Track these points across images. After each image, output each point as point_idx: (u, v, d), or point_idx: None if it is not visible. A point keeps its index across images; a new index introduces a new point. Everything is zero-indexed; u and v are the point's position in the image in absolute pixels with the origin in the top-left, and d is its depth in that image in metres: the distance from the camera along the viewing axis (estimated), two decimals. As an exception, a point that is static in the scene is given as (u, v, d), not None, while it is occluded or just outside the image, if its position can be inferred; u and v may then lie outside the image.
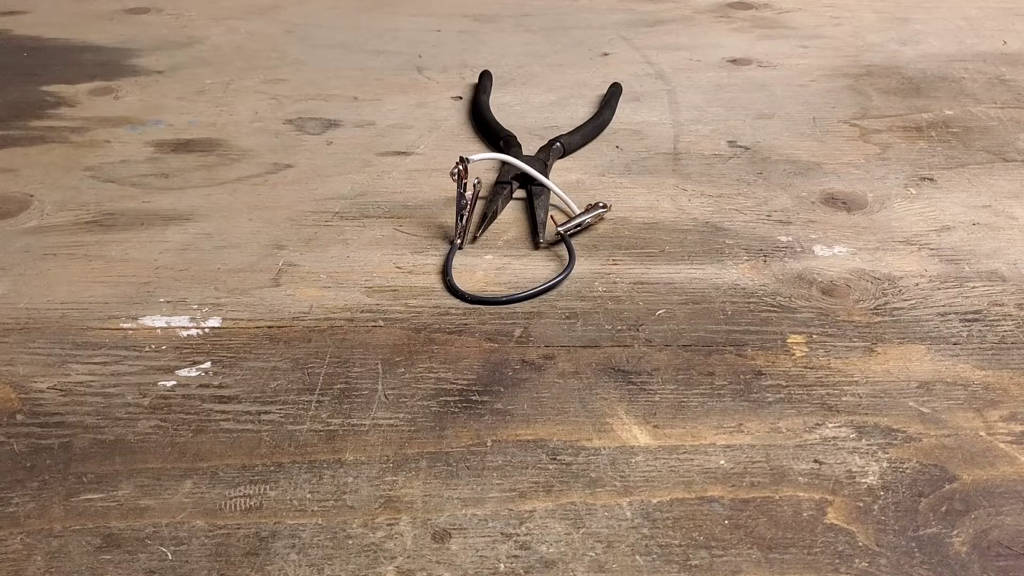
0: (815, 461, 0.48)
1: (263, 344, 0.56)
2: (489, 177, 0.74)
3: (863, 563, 0.42)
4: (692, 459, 0.48)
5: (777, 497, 0.46)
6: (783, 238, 0.67)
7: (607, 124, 0.86)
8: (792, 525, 0.44)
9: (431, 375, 0.54)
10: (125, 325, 0.58)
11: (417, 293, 0.61)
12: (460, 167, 0.65)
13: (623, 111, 0.88)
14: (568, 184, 0.74)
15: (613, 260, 0.65)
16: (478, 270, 0.64)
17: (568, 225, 0.66)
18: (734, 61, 1.02)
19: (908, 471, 0.47)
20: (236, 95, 0.93)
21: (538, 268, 0.64)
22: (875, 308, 0.59)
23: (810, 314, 0.59)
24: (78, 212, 0.71)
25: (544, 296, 0.61)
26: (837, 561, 0.42)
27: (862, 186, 0.75)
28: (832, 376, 0.53)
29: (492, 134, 0.83)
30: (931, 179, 0.76)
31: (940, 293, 0.61)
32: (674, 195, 0.73)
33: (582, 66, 1.01)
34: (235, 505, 0.45)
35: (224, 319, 0.58)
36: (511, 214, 0.71)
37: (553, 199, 0.71)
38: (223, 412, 0.51)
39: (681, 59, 1.03)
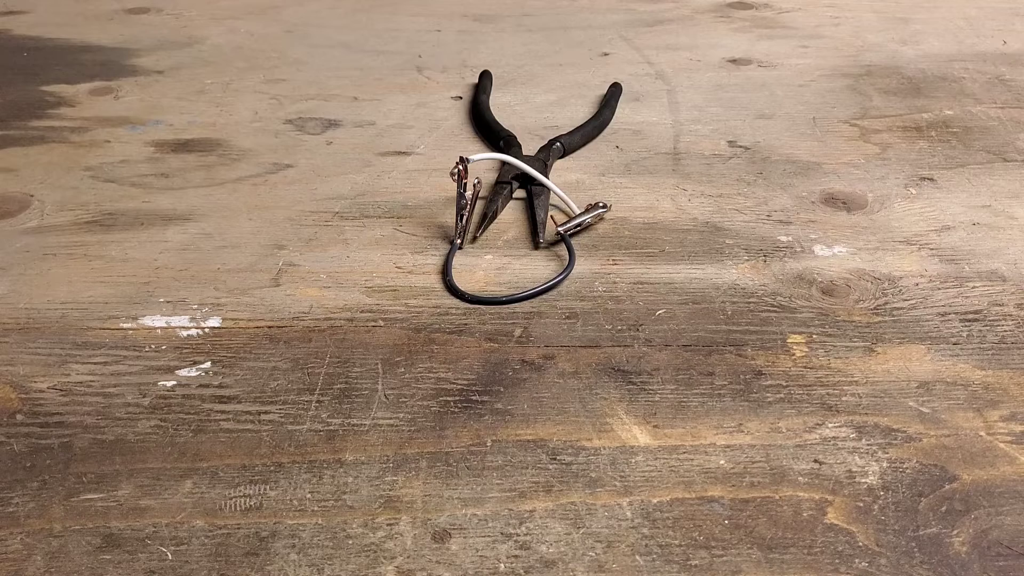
0: (815, 461, 0.48)
1: (263, 344, 0.56)
2: (489, 177, 0.74)
3: (863, 563, 0.42)
4: (692, 459, 0.48)
5: (777, 497, 0.46)
6: (783, 238, 0.67)
7: (607, 124, 0.86)
8: (792, 525, 0.44)
9: (431, 375, 0.54)
10: (125, 325, 0.58)
11: (417, 293, 0.61)
12: (460, 167, 0.65)
13: (623, 111, 0.88)
14: (568, 184, 0.74)
15: (613, 260, 0.65)
16: (478, 270, 0.64)
17: (568, 225, 0.66)
18: (734, 61, 1.02)
19: (908, 471, 0.47)
20: (236, 95, 0.93)
21: (538, 268, 0.64)
22: (875, 308, 0.59)
23: (810, 314, 0.59)
24: (78, 212, 0.71)
25: (544, 296, 0.61)
26: (837, 561, 0.42)
27: (862, 186, 0.75)
28: (832, 376, 0.53)
29: (492, 134, 0.83)
30: (931, 179, 0.76)
31: (940, 293, 0.61)
32: (674, 195, 0.73)
33: (582, 66, 1.01)
34: (235, 505, 0.45)
35: (224, 319, 0.58)
36: (511, 214, 0.71)
37: (553, 199, 0.71)
38: (223, 412, 0.51)
39: (681, 59, 1.03)
